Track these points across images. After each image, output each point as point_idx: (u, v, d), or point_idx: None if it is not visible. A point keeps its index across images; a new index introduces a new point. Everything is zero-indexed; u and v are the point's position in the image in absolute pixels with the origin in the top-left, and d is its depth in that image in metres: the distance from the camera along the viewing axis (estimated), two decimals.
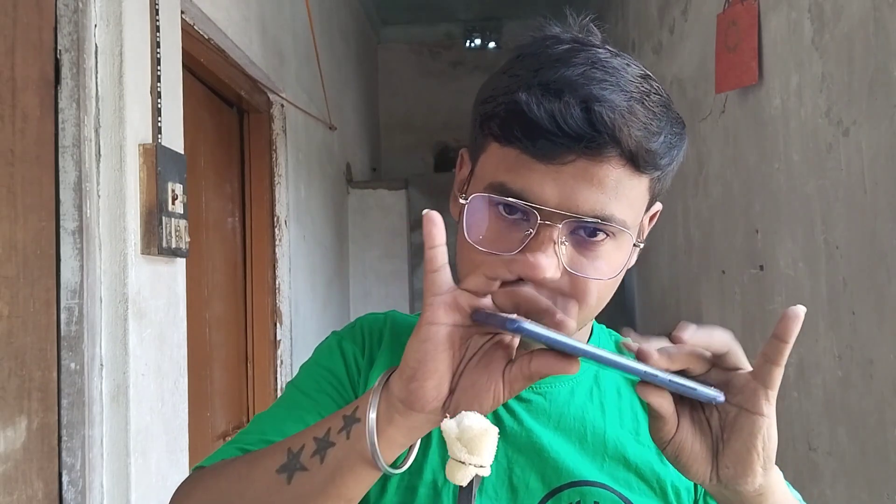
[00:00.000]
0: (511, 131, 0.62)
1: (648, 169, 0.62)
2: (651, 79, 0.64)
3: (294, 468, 0.58)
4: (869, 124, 1.63)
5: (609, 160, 0.60)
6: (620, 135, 0.60)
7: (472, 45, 5.33)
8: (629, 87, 0.61)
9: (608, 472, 0.70)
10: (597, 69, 0.61)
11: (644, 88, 0.62)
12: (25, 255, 1.31)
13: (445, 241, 0.53)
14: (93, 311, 1.43)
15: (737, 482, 0.54)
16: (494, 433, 0.55)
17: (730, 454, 0.54)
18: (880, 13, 1.58)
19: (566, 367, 0.50)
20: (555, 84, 0.61)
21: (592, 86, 0.60)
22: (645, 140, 0.61)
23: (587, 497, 0.69)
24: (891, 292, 1.57)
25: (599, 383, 0.74)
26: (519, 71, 0.64)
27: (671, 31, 3.21)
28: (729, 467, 0.54)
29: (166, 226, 1.58)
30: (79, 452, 1.38)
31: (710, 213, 2.77)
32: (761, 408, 0.53)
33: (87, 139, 1.43)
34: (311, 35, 3.19)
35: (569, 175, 0.61)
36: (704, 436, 0.55)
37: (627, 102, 0.60)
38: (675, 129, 0.64)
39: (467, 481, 0.55)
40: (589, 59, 0.62)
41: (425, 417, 0.54)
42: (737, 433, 0.54)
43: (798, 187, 2.01)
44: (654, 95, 0.63)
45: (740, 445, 0.54)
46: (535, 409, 0.72)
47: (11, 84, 1.29)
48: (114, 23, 1.50)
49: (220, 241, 2.47)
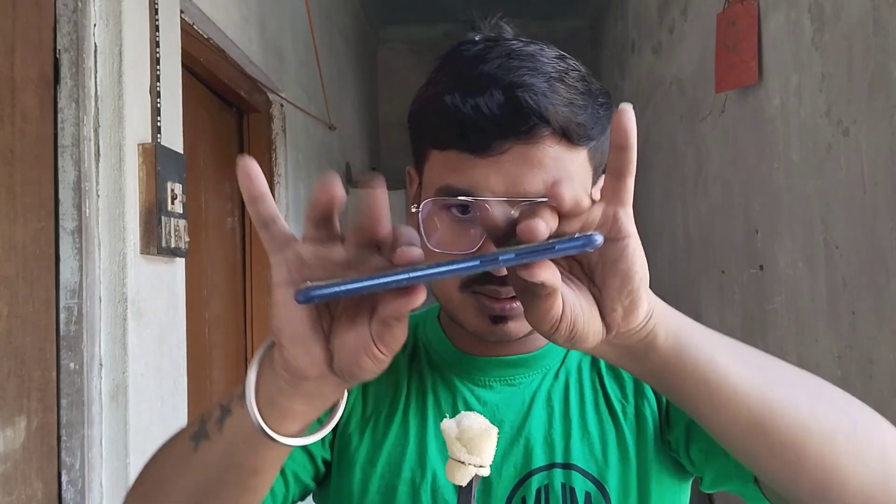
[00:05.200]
0: (445, 134, 0.65)
1: (583, 141, 0.64)
2: (567, 58, 0.67)
3: (200, 436, 0.56)
4: (869, 124, 1.63)
5: (543, 140, 0.62)
6: (547, 114, 0.62)
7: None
8: (546, 68, 0.64)
9: (575, 451, 0.71)
10: (513, 59, 0.64)
11: (561, 67, 0.65)
12: (25, 254, 1.31)
13: (268, 190, 0.49)
14: (92, 310, 1.43)
15: (628, 321, 0.48)
16: (494, 433, 0.55)
17: (612, 293, 0.47)
18: (880, 13, 1.58)
19: (408, 300, 0.44)
20: (475, 80, 0.63)
21: (511, 74, 0.62)
22: (573, 114, 0.63)
23: (555, 479, 0.70)
24: (891, 292, 1.57)
25: (566, 361, 0.75)
26: (441, 78, 0.67)
27: (671, 31, 3.21)
28: (616, 308, 0.47)
29: (166, 225, 1.58)
30: (78, 452, 1.38)
31: (710, 213, 2.77)
32: (626, 229, 0.47)
33: (86, 139, 1.43)
34: (311, 35, 3.19)
35: (509, 162, 0.62)
36: (583, 291, 0.48)
37: (548, 83, 0.63)
38: (600, 100, 0.66)
39: (467, 481, 0.55)
40: (503, 52, 0.65)
41: (315, 383, 0.48)
42: (610, 268, 0.47)
43: (798, 187, 2.01)
44: (572, 72, 0.65)
45: (619, 278, 0.47)
46: (506, 398, 0.73)
47: (11, 84, 1.29)
48: (113, 22, 1.50)
49: (220, 241, 2.47)
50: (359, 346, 0.46)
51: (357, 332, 0.47)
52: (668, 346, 0.50)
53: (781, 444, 0.52)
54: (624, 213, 0.47)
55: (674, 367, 0.50)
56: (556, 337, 0.48)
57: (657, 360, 0.50)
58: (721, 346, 0.52)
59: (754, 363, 0.53)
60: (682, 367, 0.50)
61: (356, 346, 0.46)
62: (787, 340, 2.11)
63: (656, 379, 0.52)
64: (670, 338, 0.50)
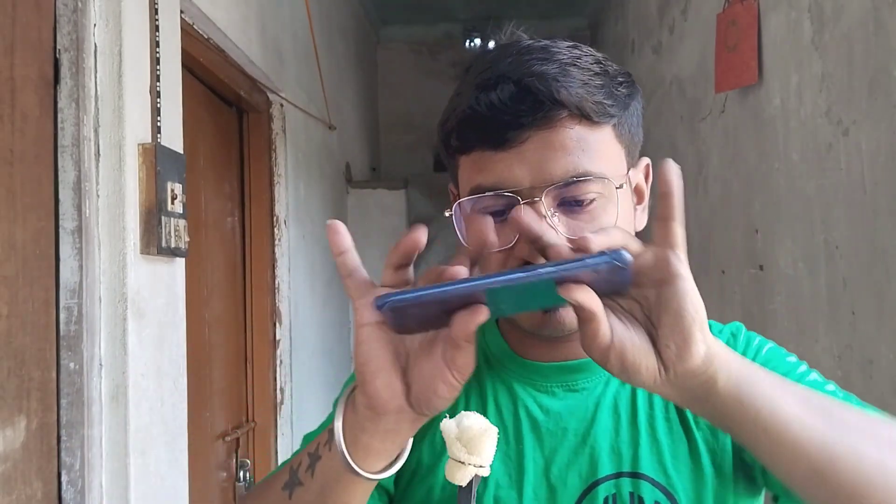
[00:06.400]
0: (467, 137, 0.66)
1: (603, 118, 0.65)
2: (581, 46, 0.68)
3: (294, 484, 0.60)
4: (869, 124, 1.63)
5: (562, 122, 0.63)
6: (560, 96, 0.62)
7: (472, 45, 5.33)
8: (559, 56, 0.65)
9: (644, 460, 0.69)
10: (524, 54, 0.65)
11: (575, 53, 0.66)
12: (24, 254, 1.31)
13: (352, 245, 0.53)
14: (92, 310, 1.43)
15: (683, 360, 0.50)
16: (494, 433, 0.56)
17: (665, 331, 0.50)
18: (880, 13, 1.57)
19: (472, 318, 0.49)
20: (490, 80, 0.65)
21: (523, 67, 0.64)
22: (588, 94, 0.63)
23: (623, 488, 0.69)
24: (891, 292, 1.56)
25: None
26: (461, 89, 0.69)
27: (671, 30, 3.21)
28: (669, 346, 0.50)
29: (165, 225, 1.58)
30: (78, 452, 1.38)
31: (710, 213, 2.77)
32: (675, 270, 0.50)
33: (86, 139, 1.43)
34: (311, 35, 3.19)
35: (531, 151, 0.63)
36: (637, 328, 0.51)
37: (560, 68, 0.64)
38: (618, 80, 0.67)
39: (467, 481, 0.55)
40: (517, 50, 0.66)
41: (394, 418, 0.52)
42: (664, 307, 0.50)
43: (798, 187, 2.00)
44: (585, 57, 0.66)
45: (671, 317, 0.50)
46: (570, 405, 0.72)
47: (10, 84, 1.29)
48: (113, 22, 1.50)
49: (220, 241, 2.47)
50: (434, 373, 0.51)
51: (432, 361, 0.51)
52: (730, 391, 0.51)
53: (845, 496, 0.52)
54: (674, 256, 0.50)
55: (734, 413, 0.52)
56: (609, 366, 0.51)
57: (718, 403, 0.52)
58: (789, 395, 0.53)
59: (823, 412, 0.53)
60: (744, 413, 0.52)
61: (432, 374, 0.51)
62: (787, 340, 2.11)
63: (720, 422, 0.54)
64: (732, 383, 0.51)
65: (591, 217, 0.64)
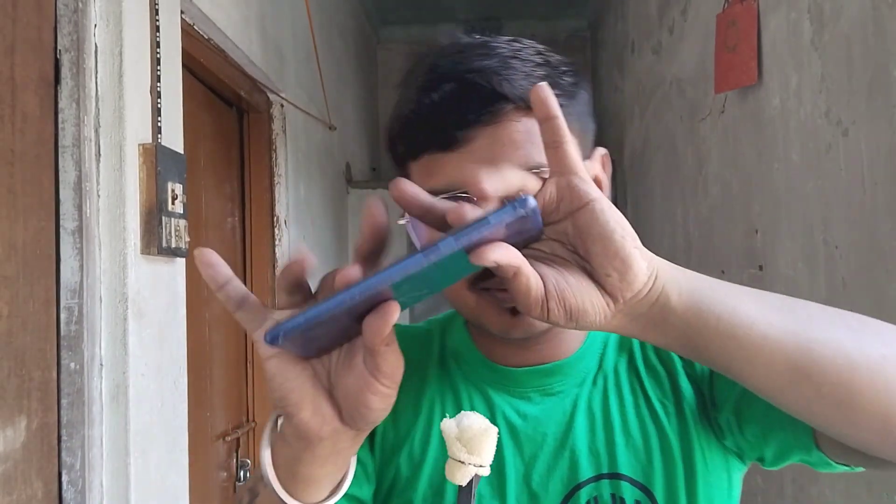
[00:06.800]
0: (414, 142, 0.64)
1: None
2: (521, 40, 0.65)
3: None
4: (868, 124, 1.63)
5: (508, 115, 0.61)
6: (503, 89, 0.60)
7: None
8: (499, 50, 0.63)
9: (621, 460, 0.69)
10: (464, 52, 0.63)
11: (515, 46, 0.64)
12: (25, 254, 1.31)
13: (231, 274, 0.48)
14: (92, 310, 1.43)
15: (628, 282, 0.45)
16: (494, 433, 0.55)
17: (599, 259, 0.45)
18: (880, 13, 1.58)
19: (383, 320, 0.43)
20: (431, 80, 0.63)
21: (464, 64, 0.62)
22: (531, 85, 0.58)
23: (604, 490, 0.68)
24: (891, 292, 1.57)
25: (602, 365, 0.73)
26: (404, 94, 0.67)
27: (670, 31, 3.21)
28: (610, 273, 0.45)
29: (166, 225, 1.58)
30: (78, 452, 1.38)
31: (710, 213, 2.77)
32: (584, 194, 0.45)
33: (86, 139, 1.43)
34: (311, 35, 3.19)
35: (481, 148, 0.61)
36: (569, 267, 0.46)
37: (501, 62, 0.61)
38: (562, 69, 0.65)
39: (467, 481, 0.55)
40: (456, 48, 0.64)
41: (330, 442, 0.48)
42: (587, 236, 0.45)
43: (797, 187, 2.01)
44: (526, 49, 0.64)
45: (599, 242, 0.45)
46: (547, 409, 0.71)
47: (11, 84, 1.29)
48: (113, 22, 1.50)
49: (220, 241, 2.47)
50: (361, 386, 0.46)
51: (355, 372, 0.46)
52: (685, 304, 0.47)
53: (830, 384, 0.48)
54: (578, 180, 0.46)
55: (696, 326, 0.48)
56: (554, 318, 0.46)
57: (678, 322, 0.48)
58: (744, 295, 0.50)
59: (784, 307, 0.50)
60: (706, 323, 0.48)
61: (359, 387, 0.46)
62: None
63: (684, 343, 0.49)
64: (685, 295, 0.48)
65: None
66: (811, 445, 0.60)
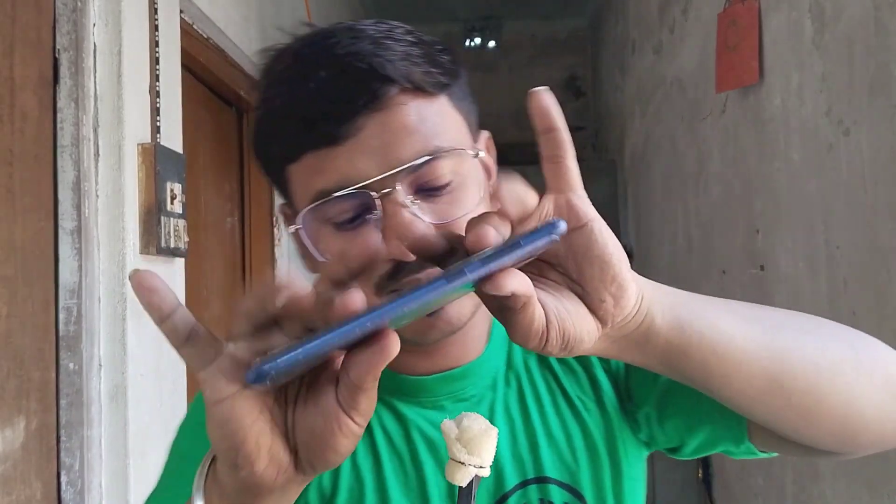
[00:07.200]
0: (291, 141, 0.58)
1: (436, 88, 0.58)
2: (387, 21, 0.61)
3: None
4: (869, 124, 1.63)
5: (394, 100, 0.56)
6: (386, 71, 0.55)
7: (472, 45, 5.33)
8: (368, 31, 0.58)
9: (546, 462, 0.66)
10: (329, 38, 0.58)
11: (383, 28, 0.59)
12: (24, 255, 1.31)
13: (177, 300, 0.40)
14: (91, 311, 1.43)
15: (621, 307, 0.44)
16: (494, 433, 0.55)
17: (595, 283, 0.43)
18: (880, 13, 1.57)
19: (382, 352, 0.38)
20: (301, 73, 0.57)
21: (335, 50, 0.56)
22: (413, 64, 0.57)
23: (531, 496, 0.65)
24: (891, 292, 1.56)
25: (512, 363, 0.69)
26: (266, 93, 0.60)
27: (671, 30, 3.21)
28: (605, 298, 0.43)
29: (165, 225, 1.58)
30: (77, 453, 1.38)
31: (711, 213, 2.77)
32: (584, 215, 0.42)
33: (85, 139, 1.43)
34: None
35: (371, 138, 0.55)
36: (563, 292, 0.44)
37: (374, 44, 0.56)
38: (437, 47, 0.61)
39: (467, 482, 0.55)
40: (321, 36, 0.59)
41: (281, 492, 0.41)
42: (583, 258, 0.43)
43: (798, 187, 2.00)
44: (397, 29, 0.60)
45: (596, 266, 0.43)
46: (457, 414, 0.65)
47: (10, 83, 1.29)
48: (112, 22, 1.50)
49: (219, 241, 2.47)
50: (328, 423, 0.39)
51: (320, 408, 0.39)
52: (668, 323, 0.46)
53: (799, 392, 0.49)
54: (577, 199, 0.43)
55: (679, 344, 0.47)
56: (549, 348, 0.43)
57: (661, 342, 0.46)
58: (718, 308, 0.50)
59: (753, 317, 0.51)
60: (688, 341, 0.47)
61: (327, 428, 0.39)
62: None
63: (663, 361, 0.48)
64: (667, 315, 0.46)
65: (454, 198, 0.57)
66: (743, 438, 0.60)
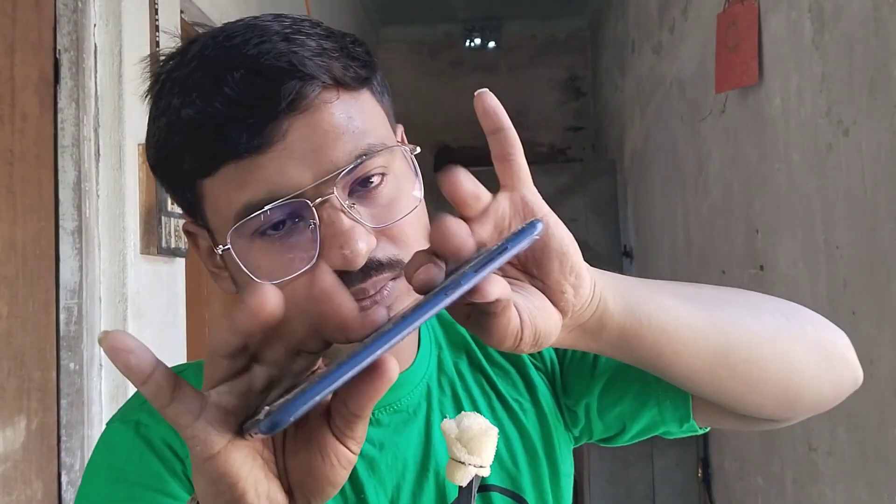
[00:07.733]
0: (207, 152, 0.52)
1: (358, 82, 0.55)
2: (288, 15, 0.57)
3: None
4: (869, 124, 1.63)
5: (320, 98, 0.52)
6: (306, 68, 0.51)
7: (472, 45, 5.33)
8: (274, 27, 0.53)
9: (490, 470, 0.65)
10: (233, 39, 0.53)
11: (289, 20, 0.55)
12: (25, 255, 1.31)
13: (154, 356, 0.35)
14: (92, 310, 1.43)
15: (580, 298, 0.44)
16: (494, 433, 0.55)
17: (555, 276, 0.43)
18: (880, 13, 1.57)
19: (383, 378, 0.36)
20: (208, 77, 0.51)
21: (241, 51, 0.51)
22: (332, 59, 0.53)
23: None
24: (891, 292, 1.56)
25: (443, 367, 0.67)
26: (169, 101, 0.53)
27: (671, 30, 3.21)
28: (566, 290, 0.43)
29: (165, 225, 1.58)
30: (78, 452, 1.38)
31: (710, 213, 2.77)
32: (537, 210, 0.43)
33: (86, 139, 1.43)
34: None
35: (299, 141, 0.51)
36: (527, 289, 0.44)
37: (286, 40, 0.52)
38: (348, 39, 0.57)
39: (467, 481, 0.55)
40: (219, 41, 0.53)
41: None
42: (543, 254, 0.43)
43: (798, 187, 2.00)
44: (303, 22, 0.55)
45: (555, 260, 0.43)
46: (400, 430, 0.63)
47: (11, 84, 1.29)
48: (113, 22, 1.50)
49: None
50: (328, 459, 0.37)
51: (314, 443, 0.38)
52: (620, 308, 0.47)
53: (743, 361, 0.53)
54: (531, 195, 0.44)
55: (631, 327, 0.48)
56: (523, 346, 0.43)
57: (614, 327, 0.47)
58: (661, 290, 0.52)
59: (693, 296, 0.53)
60: (639, 323, 0.48)
61: (325, 463, 0.37)
62: None
63: (615, 345, 0.49)
64: (619, 300, 0.47)
65: (390, 197, 0.54)
66: (688, 416, 0.62)
